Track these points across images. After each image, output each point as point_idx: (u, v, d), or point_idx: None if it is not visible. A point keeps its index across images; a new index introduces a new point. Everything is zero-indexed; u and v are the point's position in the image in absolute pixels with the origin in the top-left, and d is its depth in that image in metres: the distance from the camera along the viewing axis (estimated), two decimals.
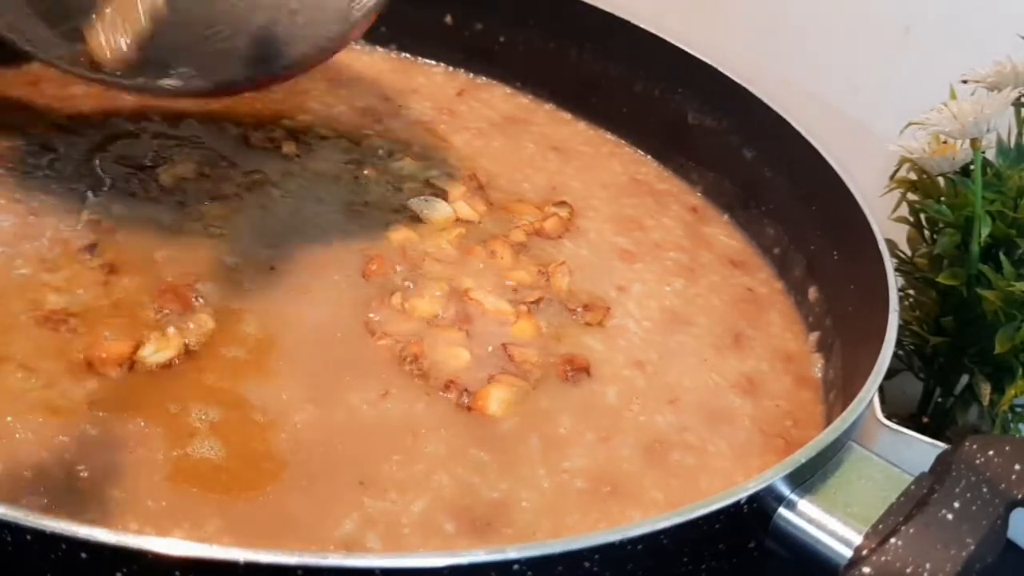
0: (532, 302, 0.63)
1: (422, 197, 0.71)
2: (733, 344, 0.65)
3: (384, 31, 0.90)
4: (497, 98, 0.87)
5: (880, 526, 0.44)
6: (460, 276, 0.64)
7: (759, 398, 0.61)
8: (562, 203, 0.74)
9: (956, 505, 0.44)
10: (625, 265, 0.70)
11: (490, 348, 0.59)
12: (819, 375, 0.65)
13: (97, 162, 0.68)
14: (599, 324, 0.63)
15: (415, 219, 0.69)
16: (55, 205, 0.63)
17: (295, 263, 0.63)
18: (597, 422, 0.56)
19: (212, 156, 0.71)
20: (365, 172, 0.73)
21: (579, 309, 0.64)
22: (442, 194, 0.72)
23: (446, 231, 0.68)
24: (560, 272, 0.66)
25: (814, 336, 0.67)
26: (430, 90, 0.86)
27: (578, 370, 0.59)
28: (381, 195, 0.71)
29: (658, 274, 0.70)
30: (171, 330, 0.55)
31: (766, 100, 0.75)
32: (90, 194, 0.65)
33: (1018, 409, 0.67)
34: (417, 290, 0.62)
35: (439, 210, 0.70)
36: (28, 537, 0.36)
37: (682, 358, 0.63)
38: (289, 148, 0.74)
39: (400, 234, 0.67)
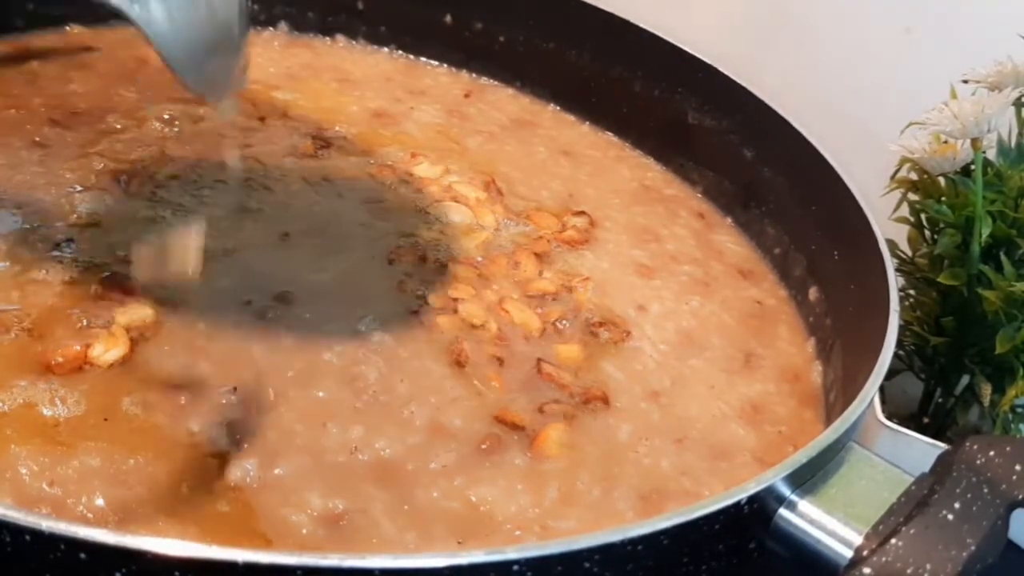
0: (555, 321, 0.63)
1: (444, 202, 0.71)
2: (743, 367, 0.65)
3: (384, 31, 0.90)
4: (503, 100, 0.88)
5: (880, 526, 0.44)
6: (485, 285, 0.65)
7: (762, 425, 0.61)
8: (581, 213, 0.74)
9: (957, 505, 0.44)
10: (643, 281, 0.69)
11: (526, 367, 0.59)
12: (819, 379, 0.65)
13: (89, 159, 0.67)
14: (616, 345, 0.63)
15: (437, 222, 0.69)
16: (41, 200, 0.63)
17: (312, 246, 0.63)
18: (607, 469, 0.55)
19: (215, 152, 0.71)
20: (384, 174, 0.73)
21: (600, 330, 0.64)
22: (462, 199, 0.72)
23: (470, 236, 0.68)
24: (584, 288, 0.66)
25: (814, 337, 0.67)
26: (438, 92, 0.87)
27: (596, 400, 0.59)
28: (402, 197, 0.71)
29: (675, 291, 0.69)
30: (113, 326, 0.55)
31: (766, 100, 0.75)
32: (78, 188, 0.64)
33: (1019, 409, 0.67)
34: (454, 292, 0.63)
35: (461, 216, 0.70)
36: (27, 537, 0.36)
37: (693, 386, 0.62)
38: (305, 146, 0.73)
39: (426, 234, 0.67)
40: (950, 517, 0.43)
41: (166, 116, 0.73)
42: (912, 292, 0.69)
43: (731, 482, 0.56)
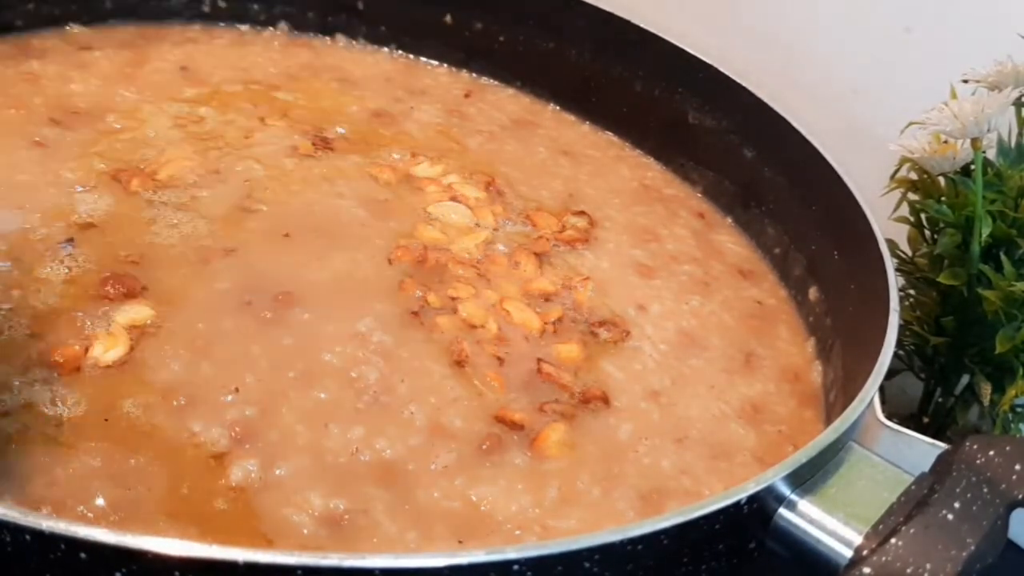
0: (555, 321, 0.63)
1: (444, 202, 0.71)
2: (743, 367, 0.64)
3: (384, 31, 0.90)
4: (503, 100, 0.88)
5: (880, 526, 0.44)
6: (485, 285, 0.64)
7: (762, 424, 0.61)
8: (581, 213, 0.74)
9: (956, 505, 0.44)
10: (644, 281, 0.69)
11: (526, 367, 0.59)
12: (819, 379, 0.65)
13: (89, 159, 0.67)
14: (616, 344, 0.63)
15: (437, 222, 0.69)
16: (41, 200, 0.63)
17: (312, 246, 0.63)
18: (607, 468, 0.55)
19: (215, 152, 0.71)
20: (385, 174, 0.73)
21: (600, 329, 0.64)
22: (462, 199, 0.72)
23: (470, 236, 0.68)
24: (584, 287, 0.66)
25: (814, 337, 0.67)
26: (438, 92, 0.87)
27: (596, 399, 0.59)
28: (402, 196, 0.71)
29: (675, 291, 0.69)
30: (113, 326, 0.55)
31: (766, 100, 0.75)
32: (78, 188, 0.64)
33: (1018, 409, 0.67)
34: (454, 292, 0.63)
35: (461, 215, 0.70)
36: (27, 537, 0.36)
37: (694, 386, 0.62)
38: (305, 146, 0.73)
39: (426, 234, 0.67)
40: (950, 517, 0.43)
41: (166, 116, 0.74)
42: (912, 292, 0.69)
43: (731, 482, 0.56)
